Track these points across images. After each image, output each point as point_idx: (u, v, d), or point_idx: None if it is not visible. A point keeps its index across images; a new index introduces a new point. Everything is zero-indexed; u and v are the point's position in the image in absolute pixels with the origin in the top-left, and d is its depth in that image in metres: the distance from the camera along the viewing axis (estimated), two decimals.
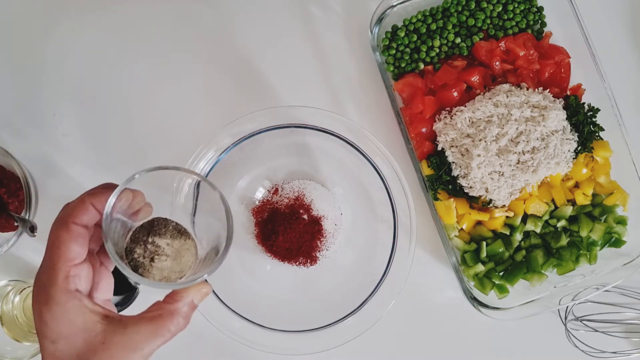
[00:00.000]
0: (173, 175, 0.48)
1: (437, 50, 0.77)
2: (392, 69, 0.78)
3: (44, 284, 0.42)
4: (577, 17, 0.75)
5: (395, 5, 0.75)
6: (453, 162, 0.75)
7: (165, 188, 0.73)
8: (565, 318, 0.79)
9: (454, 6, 0.77)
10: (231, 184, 0.77)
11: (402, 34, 0.77)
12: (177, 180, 0.70)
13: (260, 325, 0.70)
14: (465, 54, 0.77)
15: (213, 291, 0.69)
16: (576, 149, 0.75)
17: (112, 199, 0.43)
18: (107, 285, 0.47)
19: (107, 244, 0.42)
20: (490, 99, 0.74)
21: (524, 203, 0.76)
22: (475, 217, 0.76)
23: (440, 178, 0.75)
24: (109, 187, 0.45)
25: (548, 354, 0.82)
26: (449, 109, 0.77)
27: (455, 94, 0.76)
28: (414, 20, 0.77)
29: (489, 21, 0.77)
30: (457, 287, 0.75)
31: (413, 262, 0.70)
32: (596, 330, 0.79)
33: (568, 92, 0.78)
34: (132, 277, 0.43)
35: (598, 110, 0.76)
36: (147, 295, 0.79)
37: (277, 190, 0.78)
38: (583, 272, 0.76)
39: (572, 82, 0.78)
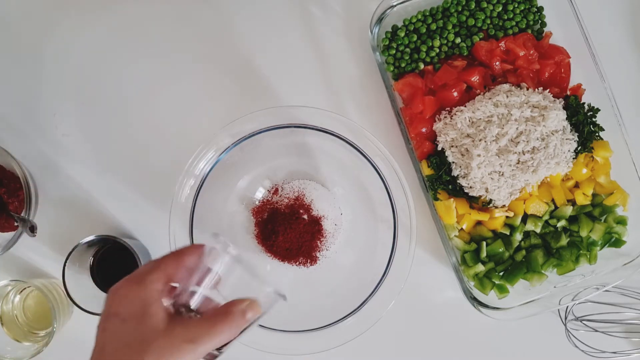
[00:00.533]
0: (174, 178, 0.48)
1: (437, 50, 0.77)
2: (392, 69, 0.78)
3: (140, 273, 0.47)
4: (577, 17, 0.75)
5: (395, 5, 0.75)
6: (453, 162, 0.75)
7: (166, 189, 0.73)
8: (565, 318, 0.79)
9: (454, 6, 0.77)
10: (231, 184, 0.77)
11: (402, 34, 0.77)
12: (179, 182, 0.70)
13: (260, 325, 0.70)
14: (465, 54, 0.77)
15: None
16: (576, 149, 0.75)
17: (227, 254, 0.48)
18: None
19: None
20: (490, 99, 0.74)
21: (524, 203, 0.76)
22: (475, 217, 0.76)
23: (440, 178, 0.75)
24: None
25: (548, 354, 0.82)
26: (449, 109, 0.77)
27: (455, 94, 0.76)
28: (414, 20, 0.77)
29: (489, 21, 0.77)
30: (457, 287, 0.75)
31: (413, 262, 0.70)
32: (596, 330, 0.79)
33: (568, 92, 0.78)
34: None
35: (598, 110, 0.76)
36: None
37: (277, 190, 0.78)
38: (583, 272, 0.76)
39: (572, 82, 0.78)
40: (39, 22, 0.80)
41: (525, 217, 0.77)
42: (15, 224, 0.75)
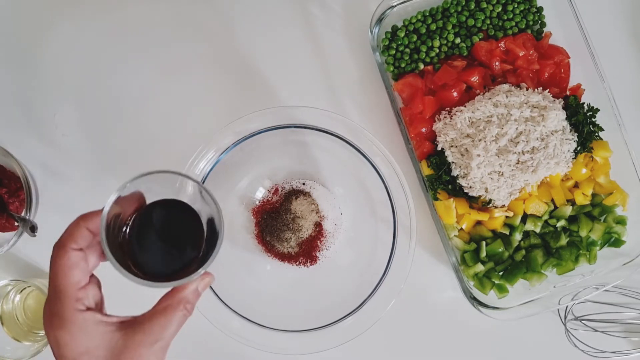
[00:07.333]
0: (175, 177, 0.48)
1: (437, 51, 0.77)
2: (392, 69, 0.78)
3: (57, 311, 0.44)
4: (577, 17, 0.75)
5: (395, 6, 0.75)
6: (453, 162, 0.75)
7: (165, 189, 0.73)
8: (565, 318, 0.79)
9: (454, 6, 0.77)
10: (231, 184, 0.77)
11: (402, 34, 0.77)
12: (179, 181, 0.70)
13: (260, 325, 0.70)
14: (465, 54, 0.77)
15: (213, 291, 0.69)
16: (576, 149, 0.75)
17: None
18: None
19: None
20: (490, 99, 0.74)
21: (524, 203, 0.76)
22: (475, 217, 0.76)
23: (440, 178, 0.75)
24: (99, 210, 0.47)
25: (548, 354, 0.82)
26: (448, 109, 0.77)
27: (455, 94, 0.76)
28: (414, 20, 0.77)
29: (488, 21, 0.77)
30: (457, 287, 0.75)
31: (413, 262, 0.70)
32: (596, 330, 0.79)
33: (568, 92, 0.78)
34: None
35: (598, 110, 0.76)
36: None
37: (277, 190, 0.78)
38: (583, 272, 0.76)
39: (572, 82, 0.78)
40: (39, 22, 0.80)
41: (525, 217, 0.77)
42: (16, 224, 0.75)
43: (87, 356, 0.44)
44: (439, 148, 0.76)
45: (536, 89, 0.76)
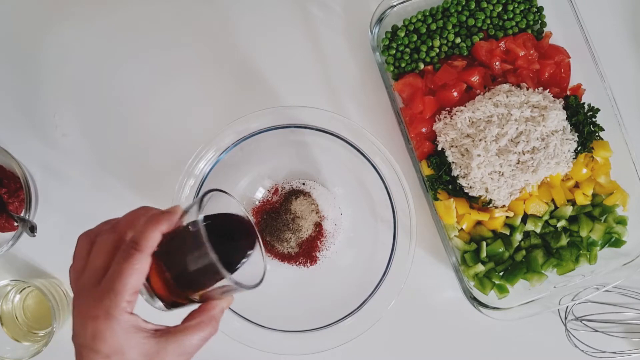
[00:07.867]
0: (174, 178, 0.48)
1: (437, 50, 0.77)
2: (392, 69, 0.78)
3: (105, 306, 0.45)
4: (577, 17, 0.75)
5: (395, 5, 0.75)
6: (453, 162, 0.75)
7: (166, 189, 0.73)
8: (565, 318, 0.79)
9: (454, 6, 0.77)
10: (231, 184, 0.77)
11: (402, 34, 0.77)
12: (179, 182, 0.70)
13: (260, 325, 0.70)
14: (465, 54, 0.77)
15: None
16: (576, 149, 0.75)
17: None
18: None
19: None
20: (490, 99, 0.74)
21: (524, 203, 0.76)
22: (475, 217, 0.76)
23: (440, 178, 0.75)
24: (170, 212, 0.49)
25: (548, 354, 0.82)
26: (449, 109, 0.77)
27: (455, 94, 0.76)
28: (414, 20, 0.77)
29: (489, 21, 0.77)
30: (457, 287, 0.75)
31: (413, 262, 0.70)
32: (596, 330, 0.79)
33: (568, 92, 0.78)
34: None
35: (598, 110, 0.76)
36: None
37: (277, 190, 0.78)
38: (583, 272, 0.76)
39: (572, 82, 0.78)
40: (39, 22, 0.80)
41: (525, 217, 0.77)
42: (15, 224, 0.75)
43: (120, 355, 0.45)
44: (439, 148, 0.76)
45: (536, 89, 0.76)
